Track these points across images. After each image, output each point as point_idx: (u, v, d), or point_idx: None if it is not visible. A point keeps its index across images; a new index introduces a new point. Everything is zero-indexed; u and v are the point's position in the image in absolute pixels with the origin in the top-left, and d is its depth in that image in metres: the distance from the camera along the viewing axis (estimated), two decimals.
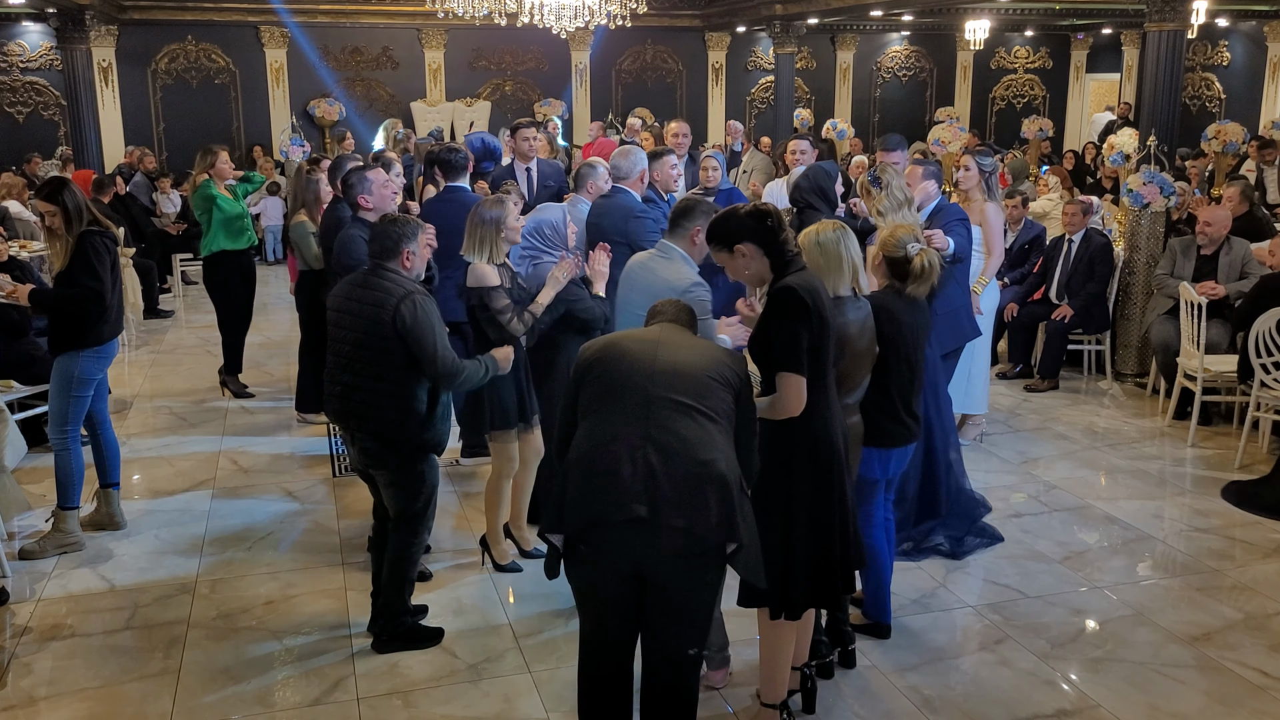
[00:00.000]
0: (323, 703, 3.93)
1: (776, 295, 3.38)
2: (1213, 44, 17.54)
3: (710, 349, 3.23)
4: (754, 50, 18.49)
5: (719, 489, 2.93)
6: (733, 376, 3.11)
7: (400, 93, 16.84)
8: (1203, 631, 4.42)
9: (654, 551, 2.92)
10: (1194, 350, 6.70)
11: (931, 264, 4.06)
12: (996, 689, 4.01)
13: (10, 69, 15.37)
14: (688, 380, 3.05)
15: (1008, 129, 18.68)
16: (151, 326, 10.31)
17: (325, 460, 6.44)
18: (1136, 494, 5.93)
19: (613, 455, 2.96)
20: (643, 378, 3.05)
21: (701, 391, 3.04)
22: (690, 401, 3.01)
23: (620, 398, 3.05)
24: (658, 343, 3.17)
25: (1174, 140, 8.36)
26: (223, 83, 16.24)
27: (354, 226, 5.42)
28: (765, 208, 3.51)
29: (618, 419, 3.01)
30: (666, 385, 3.03)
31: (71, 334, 5.04)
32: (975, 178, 6.36)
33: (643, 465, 2.91)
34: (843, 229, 3.82)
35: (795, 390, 3.34)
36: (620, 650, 3.14)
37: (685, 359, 3.11)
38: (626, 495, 2.90)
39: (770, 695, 3.64)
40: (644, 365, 3.08)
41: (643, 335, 3.26)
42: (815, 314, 3.35)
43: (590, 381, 3.13)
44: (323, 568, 5.04)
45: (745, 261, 3.47)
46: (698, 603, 3.04)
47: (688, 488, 2.91)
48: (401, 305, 3.96)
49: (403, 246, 4.08)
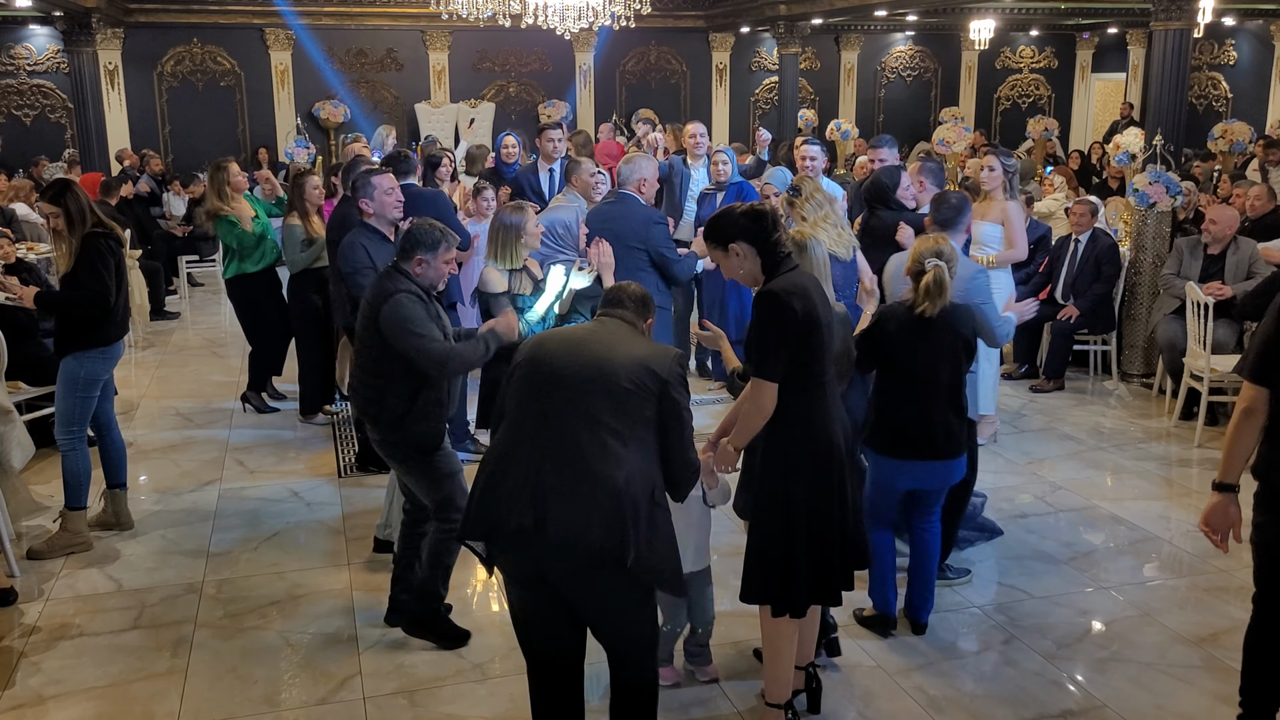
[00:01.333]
0: (329, 701, 3.94)
1: (759, 300, 3.40)
2: (1219, 43, 17.52)
3: (636, 350, 3.11)
4: (758, 51, 18.50)
5: (610, 501, 2.92)
6: (653, 382, 3.02)
7: (405, 94, 16.87)
8: (1209, 632, 4.41)
9: (547, 561, 2.97)
10: (1200, 350, 6.69)
11: (939, 281, 4.02)
12: (1003, 689, 4.01)
13: (17, 72, 15.42)
14: (602, 389, 3.00)
15: (1013, 129, 18.66)
16: (158, 328, 10.33)
17: (331, 460, 6.45)
18: (1143, 494, 5.92)
19: (511, 463, 3.01)
20: (556, 385, 3.04)
21: (615, 401, 2.99)
22: (598, 414, 2.98)
23: (531, 404, 3.07)
24: (581, 343, 3.13)
25: (1180, 140, 8.36)
26: (228, 85, 16.28)
27: (358, 232, 5.38)
28: (760, 208, 3.52)
29: (525, 426, 3.05)
30: (579, 393, 3.01)
31: (78, 335, 5.06)
32: (1000, 177, 6.36)
33: (534, 476, 2.96)
34: (804, 240, 3.91)
35: (767, 395, 3.37)
36: (555, 656, 3.17)
37: (607, 364, 3.04)
38: (515, 506, 2.95)
39: (774, 695, 3.64)
40: (562, 371, 3.05)
41: (569, 336, 3.22)
42: (803, 317, 3.34)
43: (515, 382, 3.14)
44: (329, 567, 5.05)
45: (739, 261, 3.48)
46: (611, 606, 3.06)
47: (577, 500, 2.92)
48: (384, 306, 4.01)
49: (416, 253, 4.09)
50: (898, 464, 4.19)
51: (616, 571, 2.94)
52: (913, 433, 4.13)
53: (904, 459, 4.17)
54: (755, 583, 3.55)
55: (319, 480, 6.17)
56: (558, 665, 3.19)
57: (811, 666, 3.85)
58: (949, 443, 4.16)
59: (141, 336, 9.82)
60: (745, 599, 3.57)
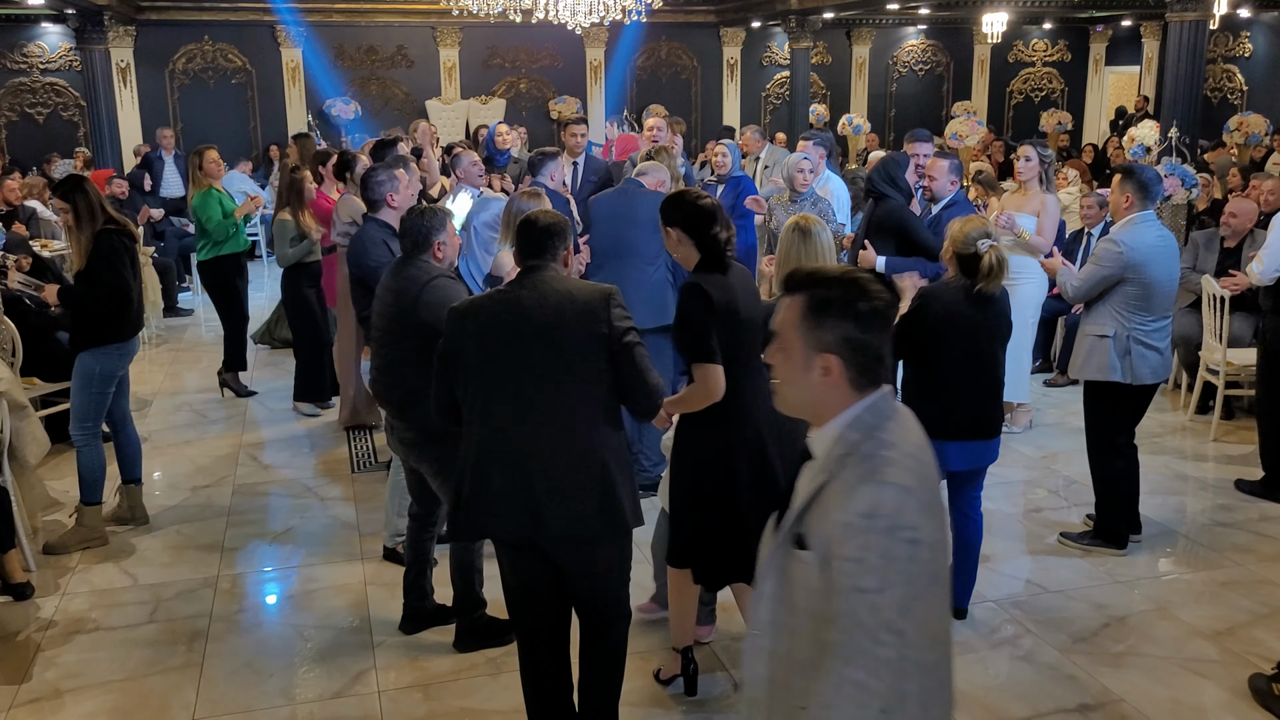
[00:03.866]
0: (344, 695, 3.95)
1: (684, 290, 3.55)
2: (1234, 35, 17.40)
3: (573, 302, 3.12)
4: (769, 45, 18.44)
5: (598, 480, 3.09)
6: (597, 329, 3.09)
7: (415, 91, 16.87)
8: (1226, 626, 4.39)
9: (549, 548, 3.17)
10: (1217, 344, 6.65)
11: (1001, 260, 4.12)
12: (1018, 684, 4.00)
13: (30, 70, 15.46)
14: (559, 362, 3.08)
15: (1026, 123, 18.58)
16: (171, 324, 10.36)
17: (345, 456, 6.46)
18: (1158, 489, 5.89)
19: (492, 463, 3.11)
20: (509, 364, 3.10)
21: (573, 367, 3.08)
22: (562, 387, 3.08)
23: (493, 390, 3.12)
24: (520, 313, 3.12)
25: (1195, 132, 8.32)
26: (240, 82, 16.29)
27: (373, 228, 5.32)
28: (708, 206, 3.61)
29: (496, 418, 3.11)
30: (541, 373, 3.08)
31: (93, 331, 5.07)
32: (1035, 168, 6.32)
33: (521, 479, 3.08)
34: (810, 226, 4.04)
35: (712, 377, 3.47)
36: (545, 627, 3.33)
37: (553, 335, 3.08)
38: (509, 512, 3.10)
39: (676, 640, 3.90)
40: (510, 346, 3.10)
41: (507, 303, 3.16)
42: (721, 306, 3.46)
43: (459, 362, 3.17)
44: (343, 562, 5.06)
45: (673, 244, 3.66)
46: (601, 570, 3.25)
47: (567, 491, 3.08)
48: (423, 293, 4.00)
49: (433, 238, 4.12)
50: (961, 446, 4.23)
51: (610, 538, 3.19)
52: (963, 412, 4.20)
53: (952, 440, 4.20)
54: (674, 549, 3.73)
55: (333, 475, 6.18)
56: (546, 639, 3.33)
57: None
58: (995, 420, 4.30)
59: (155, 333, 9.86)
60: (669, 562, 3.77)
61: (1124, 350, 4.84)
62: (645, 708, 3.82)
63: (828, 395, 1.99)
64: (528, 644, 3.37)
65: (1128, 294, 4.85)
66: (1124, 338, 4.85)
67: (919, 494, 1.88)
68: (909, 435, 1.98)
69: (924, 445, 2.02)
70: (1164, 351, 4.95)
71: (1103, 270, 4.88)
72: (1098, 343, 4.92)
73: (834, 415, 1.98)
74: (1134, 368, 4.86)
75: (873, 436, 1.94)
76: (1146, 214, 4.90)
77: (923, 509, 1.88)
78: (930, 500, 1.94)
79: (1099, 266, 4.90)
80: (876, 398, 1.98)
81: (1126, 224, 4.91)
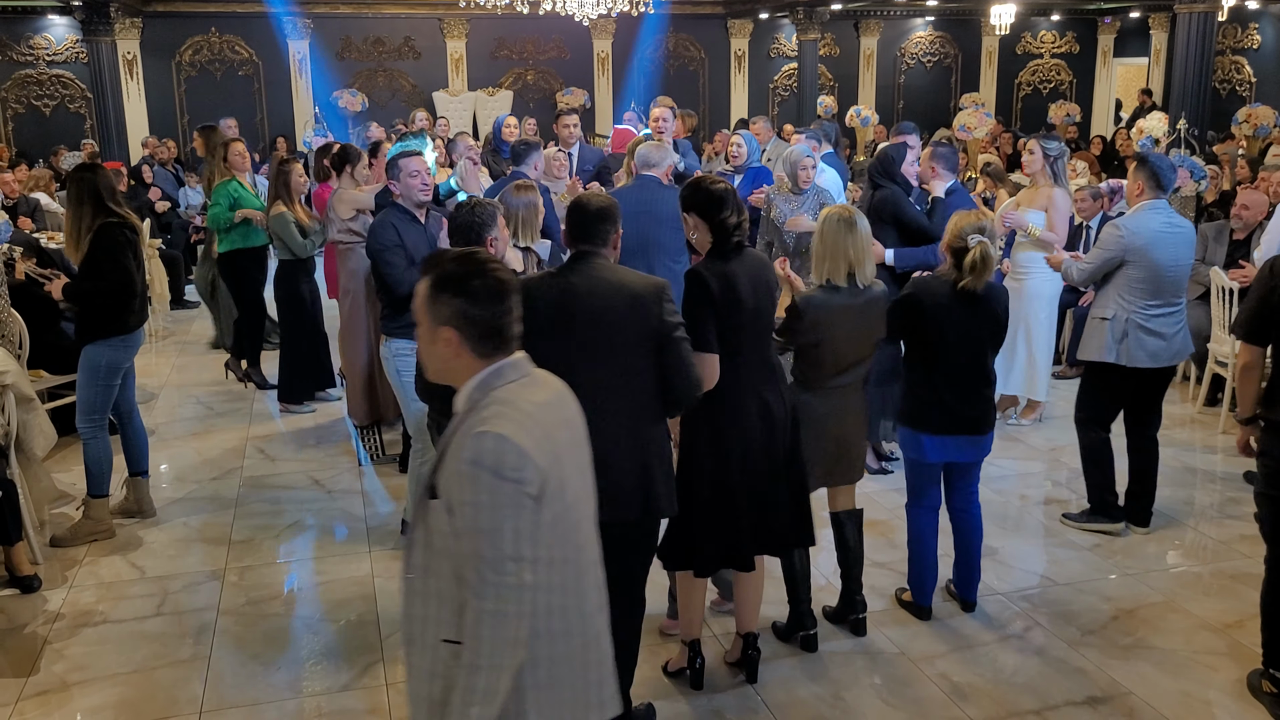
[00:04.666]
0: (352, 688, 3.95)
1: (687, 278, 3.56)
2: (1243, 27, 17.33)
3: (625, 292, 3.20)
4: (777, 37, 18.40)
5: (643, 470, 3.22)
6: (654, 322, 3.18)
7: (422, 83, 16.87)
8: (1235, 619, 4.38)
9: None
10: (1225, 336, 6.62)
11: (985, 257, 4.06)
12: (1027, 676, 3.99)
13: (37, 62, 15.48)
14: (606, 342, 3.16)
15: (1034, 114, 18.53)
16: (178, 316, 10.37)
17: (352, 449, 6.46)
18: (1167, 481, 5.86)
19: None
20: (559, 348, 3.11)
21: (619, 351, 3.17)
22: (608, 371, 3.16)
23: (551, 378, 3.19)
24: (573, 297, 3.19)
25: (1204, 124, 8.29)
26: (246, 74, 16.30)
27: (389, 212, 5.28)
28: (724, 190, 3.63)
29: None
30: (584, 352, 3.15)
31: (99, 323, 5.07)
32: (1039, 162, 6.22)
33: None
34: (853, 217, 4.02)
35: (706, 367, 3.47)
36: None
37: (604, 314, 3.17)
38: None
39: (684, 633, 3.92)
40: (563, 331, 3.17)
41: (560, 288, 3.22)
42: (721, 298, 3.49)
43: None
44: (350, 554, 5.06)
45: (688, 230, 3.71)
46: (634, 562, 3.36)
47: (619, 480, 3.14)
48: None
49: (485, 234, 4.08)
50: (939, 439, 4.22)
51: (642, 523, 3.29)
52: (958, 407, 4.19)
53: (945, 434, 4.20)
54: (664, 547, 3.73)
55: (340, 468, 6.18)
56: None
57: (751, 635, 3.93)
58: (987, 416, 4.28)
59: (162, 325, 9.87)
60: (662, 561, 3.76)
61: (1121, 333, 4.95)
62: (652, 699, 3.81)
63: (454, 363, 2.22)
64: None
65: (1131, 278, 4.96)
66: (1123, 320, 4.96)
67: (528, 441, 2.10)
68: (531, 394, 2.23)
69: (551, 403, 2.27)
70: (1169, 338, 4.98)
71: (1104, 253, 5.03)
72: (1098, 325, 5.05)
73: (464, 380, 2.22)
74: (1129, 351, 4.94)
75: (489, 395, 2.19)
76: (1157, 202, 4.99)
77: (534, 454, 2.09)
78: (554, 448, 2.18)
79: (1100, 249, 5.07)
80: (504, 363, 2.22)
81: (1135, 210, 5.03)
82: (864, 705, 3.82)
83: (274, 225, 6.93)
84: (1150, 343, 4.95)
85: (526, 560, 2.08)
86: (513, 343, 2.24)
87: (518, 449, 2.08)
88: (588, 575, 2.29)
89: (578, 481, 2.27)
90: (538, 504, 2.10)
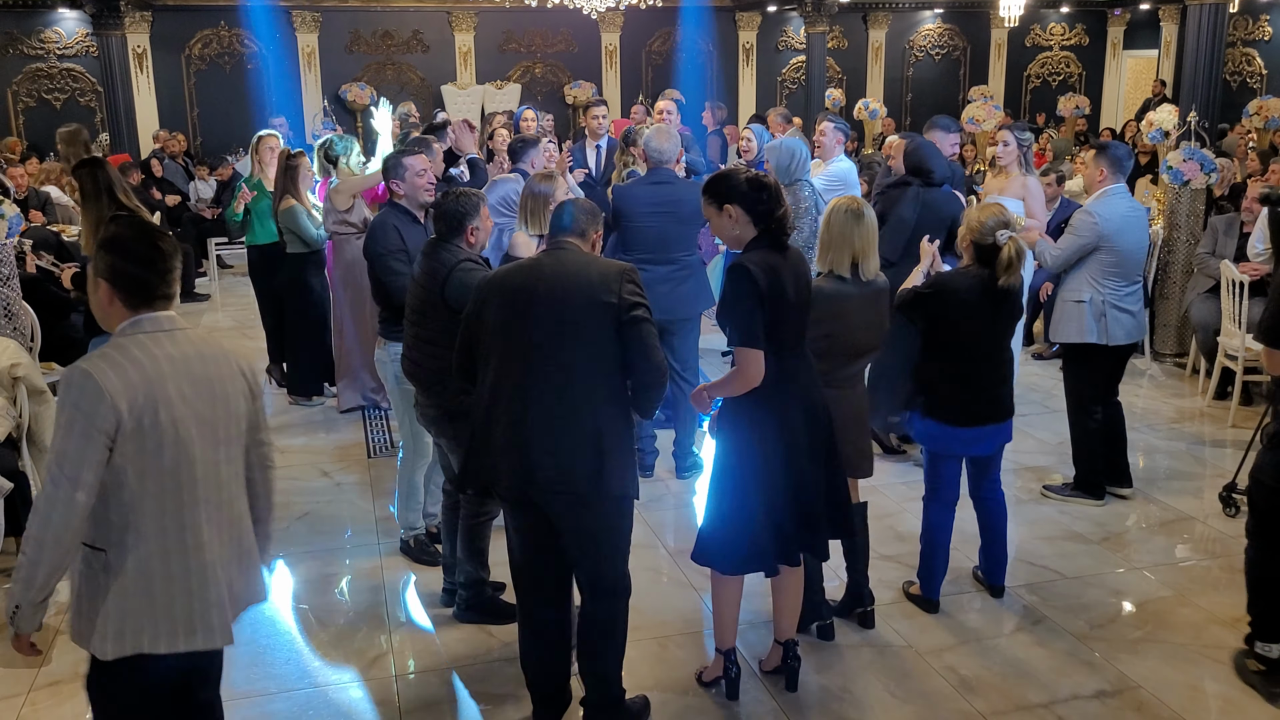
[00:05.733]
0: (361, 679, 3.97)
1: (732, 271, 3.50)
2: (1254, 18, 17.23)
3: (588, 276, 3.32)
4: (785, 30, 18.35)
5: (591, 442, 3.26)
6: (608, 301, 3.26)
7: (430, 76, 16.86)
8: (1244, 613, 4.36)
9: (541, 499, 3.33)
10: (1235, 329, 6.61)
11: (1020, 252, 4.10)
12: (1035, 669, 3.99)
13: (47, 56, 15.50)
14: (569, 331, 3.26)
15: (1043, 107, 18.44)
16: (187, 309, 10.40)
17: (361, 441, 6.48)
18: (1176, 474, 5.86)
19: (495, 416, 3.30)
20: (522, 327, 3.29)
21: (582, 337, 3.26)
22: (570, 354, 3.25)
23: (506, 352, 3.31)
24: (538, 280, 3.33)
25: (1215, 116, 8.26)
26: (255, 67, 16.31)
27: (389, 213, 5.16)
28: (765, 180, 3.56)
29: (505, 375, 3.31)
30: (549, 340, 3.25)
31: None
32: (1014, 152, 6.28)
33: (519, 431, 3.26)
34: (861, 208, 4.00)
35: (753, 364, 3.43)
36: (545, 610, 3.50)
37: (566, 304, 3.28)
38: (504, 462, 3.29)
39: (718, 641, 3.83)
40: (525, 310, 3.29)
41: (528, 271, 3.40)
42: (766, 289, 3.41)
43: (490, 326, 3.35)
44: (359, 546, 5.08)
45: (730, 223, 3.56)
46: (592, 534, 3.37)
47: (561, 448, 3.25)
48: (450, 276, 4.04)
49: (467, 223, 4.13)
50: (967, 432, 4.25)
51: (600, 501, 3.31)
52: (983, 398, 4.24)
53: (971, 426, 4.24)
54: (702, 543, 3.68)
55: (349, 460, 6.20)
56: (546, 617, 3.47)
57: (791, 643, 3.87)
58: (1008, 402, 4.36)
59: None
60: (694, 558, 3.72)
61: (1099, 314, 5.23)
62: (656, 690, 3.82)
63: (108, 310, 2.59)
64: (529, 625, 3.49)
65: (1102, 262, 5.28)
66: (1099, 302, 5.24)
67: (117, 383, 2.43)
68: (159, 347, 2.55)
69: (187, 357, 2.59)
70: (1136, 314, 5.35)
71: (1080, 240, 5.28)
72: (1075, 308, 5.31)
73: (115, 326, 2.58)
74: (1109, 330, 5.24)
75: (113, 341, 2.54)
76: (1118, 186, 5.34)
77: (118, 395, 2.42)
78: (161, 394, 2.49)
79: (1076, 236, 5.30)
80: (144, 316, 2.57)
81: (1100, 196, 5.32)
82: (871, 698, 3.82)
83: (285, 220, 6.90)
84: (1125, 320, 5.27)
85: (83, 483, 2.40)
86: (161, 301, 2.59)
87: (97, 388, 2.40)
88: (197, 511, 2.58)
89: (195, 430, 2.55)
90: (117, 439, 2.43)
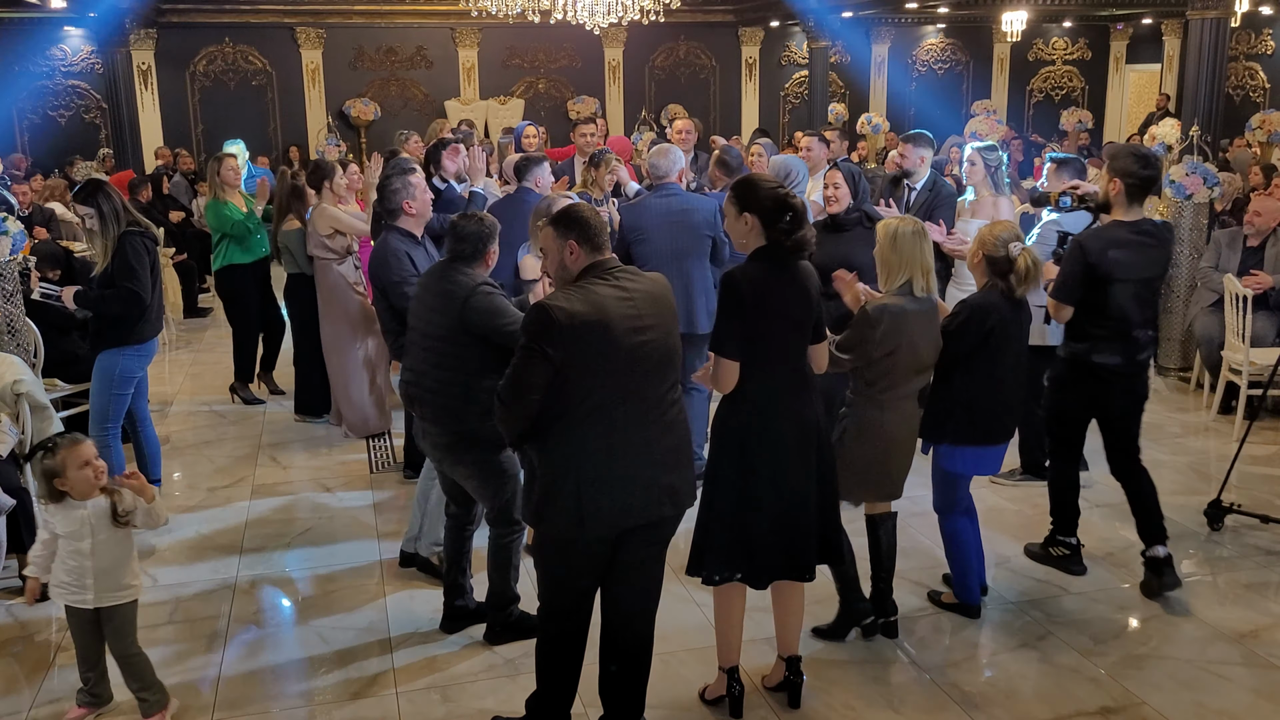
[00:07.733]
0: (362, 696, 3.95)
1: (722, 280, 3.52)
2: (1256, 33, 17.27)
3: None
4: (788, 45, 18.42)
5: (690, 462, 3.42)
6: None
7: (434, 92, 16.93)
8: (1250, 628, 4.35)
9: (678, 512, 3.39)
10: (1239, 343, 6.59)
11: (1035, 263, 4.13)
12: (1039, 686, 3.97)
13: (53, 73, 15.58)
14: (664, 345, 3.27)
15: (1046, 121, 18.48)
16: (191, 325, 10.42)
17: (363, 457, 6.47)
18: (1180, 489, 5.84)
19: (619, 458, 3.20)
20: (630, 355, 3.18)
21: (673, 355, 3.32)
22: (666, 380, 3.28)
23: (619, 386, 3.20)
24: (637, 313, 3.21)
25: (1217, 131, 8.25)
26: (260, 84, 16.39)
27: (394, 238, 5.03)
28: (793, 201, 3.52)
29: (620, 415, 3.19)
30: (654, 372, 3.25)
31: (113, 332, 5.10)
32: (980, 171, 6.09)
33: (653, 471, 3.25)
34: (921, 227, 4.03)
35: (725, 372, 3.50)
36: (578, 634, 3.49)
37: (663, 336, 3.27)
38: (649, 501, 3.26)
39: (720, 659, 3.81)
40: (630, 339, 3.18)
41: (620, 309, 3.19)
42: (751, 303, 3.43)
43: (584, 367, 3.16)
44: (361, 564, 5.06)
45: (744, 229, 3.55)
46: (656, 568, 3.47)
47: (685, 475, 3.36)
48: (469, 300, 3.95)
49: (489, 247, 4.08)
50: (993, 450, 4.30)
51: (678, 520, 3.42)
52: (1006, 417, 4.29)
53: (994, 445, 4.28)
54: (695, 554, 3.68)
55: (351, 476, 6.20)
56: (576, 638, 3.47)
57: (794, 659, 3.85)
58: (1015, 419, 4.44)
59: (175, 334, 9.91)
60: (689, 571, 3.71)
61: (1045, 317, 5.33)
62: (656, 705, 3.81)
63: None
64: (561, 642, 3.45)
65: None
66: None
67: None
68: None
69: None
70: None
71: (1046, 248, 5.27)
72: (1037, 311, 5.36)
73: None
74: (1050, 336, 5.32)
75: None
76: None
77: None
78: None
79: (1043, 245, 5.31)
80: None
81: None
82: (875, 714, 3.80)
83: (284, 241, 6.91)
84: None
85: None
86: None
87: None
88: None
89: None
90: None
